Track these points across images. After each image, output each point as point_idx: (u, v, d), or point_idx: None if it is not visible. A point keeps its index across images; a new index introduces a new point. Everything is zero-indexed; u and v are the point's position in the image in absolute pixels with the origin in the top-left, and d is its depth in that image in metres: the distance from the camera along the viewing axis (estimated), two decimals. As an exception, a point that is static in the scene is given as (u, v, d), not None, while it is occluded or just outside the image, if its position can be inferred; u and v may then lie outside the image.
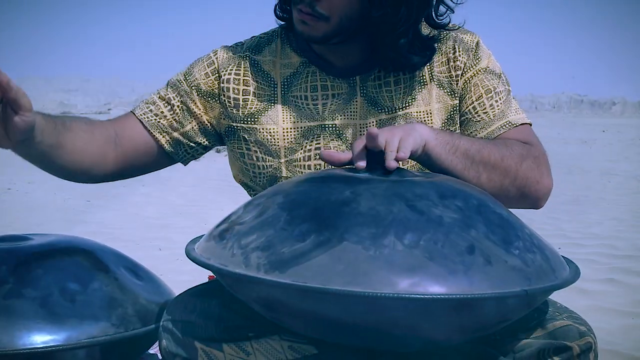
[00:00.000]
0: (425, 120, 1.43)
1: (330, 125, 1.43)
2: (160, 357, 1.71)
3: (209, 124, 1.48)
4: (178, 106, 1.46)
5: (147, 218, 5.73)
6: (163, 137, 1.46)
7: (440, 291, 0.97)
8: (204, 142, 1.49)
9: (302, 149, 1.43)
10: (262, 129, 1.44)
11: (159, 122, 1.46)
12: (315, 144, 1.43)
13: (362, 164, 1.18)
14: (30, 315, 1.26)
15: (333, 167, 1.28)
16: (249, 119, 1.45)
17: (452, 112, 1.45)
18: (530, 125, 1.47)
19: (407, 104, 1.44)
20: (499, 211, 1.14)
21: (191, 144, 1.48)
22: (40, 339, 1.25)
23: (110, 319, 1.31)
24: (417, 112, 1.44)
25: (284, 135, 1.43)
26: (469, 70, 1.45)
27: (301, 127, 1.43)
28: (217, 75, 1.47)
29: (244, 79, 1.47)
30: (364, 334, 1.05)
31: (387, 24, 1.33)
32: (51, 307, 1.27)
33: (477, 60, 1.45)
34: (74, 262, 1.38)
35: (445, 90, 1.45)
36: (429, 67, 1.45)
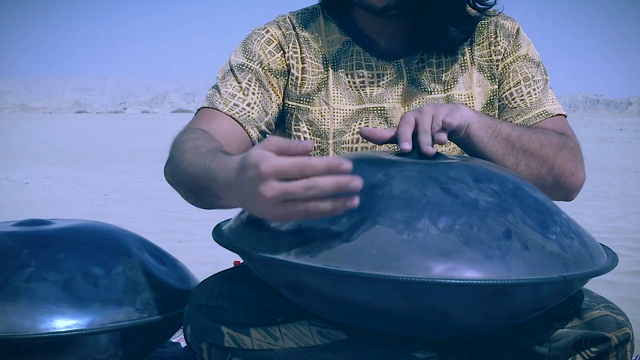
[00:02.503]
0: (466, 104, 1.43)
1: (378, 108, 1.42)
2: (182, 345, 1.69)
3: (279, 107, 1.43)
4: (258, 92, 1.39)
5: (166, 212, 5.73)
6: (254, 130, 1.38)
7: (477, 276, 0.95)
8: (273, 127, 1.44)
9: (350, 131, 1.41)
10: (315, 109, 1.42)
11: (249, 116, 1.37)
12: (364, 126, 1.40)
13: (407, 146, 1.15)
14: (52, 299, 1.24)
15: (375, 145, 1.26)
16: (303, 99, 1.42)
17: (491, 97, 1.45)
18: (566, 116, 1.46)
19: (449, 87, 1.43)
20: (535, 195, 1.11)
21: (268, 131, 1.42)
22: (63, 323, 1.23)
23: (134, 304, 1.29)
24: (459, 94, 1.43)
25: (334, 116, 1.41)
26: (508, 56, 1.45)
27: (350, 109, 1.41)
28: (282, 52, 1.42)
29: (301, 57, 1.43)
30: (396, 320, 1.02)
31: None
32: (74, 291, 1.25)
33: (517, 47, 1.45)
34: (97, 246, 1.36)
35: (486, 75, 1.44)
36: (469, 50, 1.44)
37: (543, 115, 1.42)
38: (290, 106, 1.42)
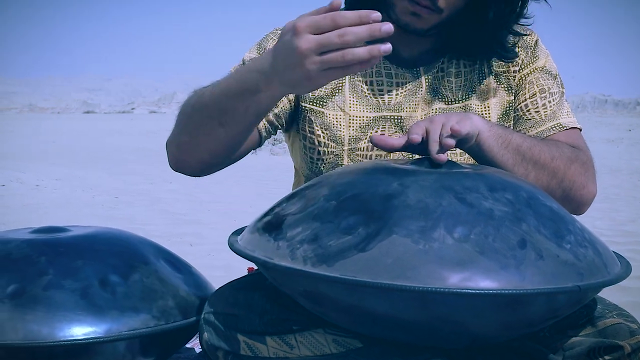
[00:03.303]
0: (482, 114, 1.44)
1: (395, 117, 1.43)
2: (197, 351, 1.70)
3: (291, 103, 1.44)
4: None
5: (176, 214, 5.75)
6: (261, 120, 1.38)
7: (492, 286, 0.95)
8: (283, 122, 1.45)
9: (365, 138, 1.42)
10: (329, 113, 1.43)
11: None
12: (380, 134, 1.41)
13: (417, 137, 1.16)
14: (70, 306, 1.24)
15: (386, 152, 1.27)
16: (317, 102, 1.44)
17: (507, 108, 1.46)
18: (580, 130, 1.47)
19: (466, 96, 1.44)
20: (549, 204, 1.12)
21: (277, 124, 1.44)
22: (81, 330, 1.23)
23: (151, 311, 1.29)
24: (476, 105, 1.45)
25: (349, 123, 1.42)
26: (526, 67, 1.46)
27: (367, 117, 1.42)
28: None
29: None
30: (411, 329, 1.03)
31: (496, 18, 1.36)
32: (91, 299, 1.26)
33: (534, 58, 1.46)
34: (113, 253, 1.37)
35: (503, 85, 1.45)
36: (487, 61, 1.45)
37: (557, 127, 1.43)
38: (304, 107, 1.44)
